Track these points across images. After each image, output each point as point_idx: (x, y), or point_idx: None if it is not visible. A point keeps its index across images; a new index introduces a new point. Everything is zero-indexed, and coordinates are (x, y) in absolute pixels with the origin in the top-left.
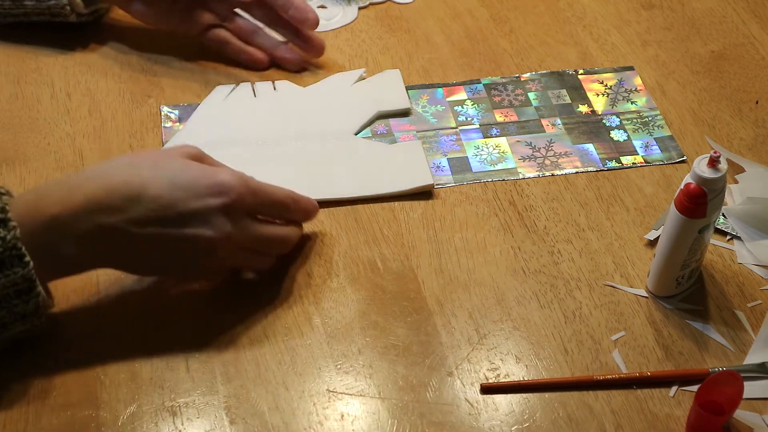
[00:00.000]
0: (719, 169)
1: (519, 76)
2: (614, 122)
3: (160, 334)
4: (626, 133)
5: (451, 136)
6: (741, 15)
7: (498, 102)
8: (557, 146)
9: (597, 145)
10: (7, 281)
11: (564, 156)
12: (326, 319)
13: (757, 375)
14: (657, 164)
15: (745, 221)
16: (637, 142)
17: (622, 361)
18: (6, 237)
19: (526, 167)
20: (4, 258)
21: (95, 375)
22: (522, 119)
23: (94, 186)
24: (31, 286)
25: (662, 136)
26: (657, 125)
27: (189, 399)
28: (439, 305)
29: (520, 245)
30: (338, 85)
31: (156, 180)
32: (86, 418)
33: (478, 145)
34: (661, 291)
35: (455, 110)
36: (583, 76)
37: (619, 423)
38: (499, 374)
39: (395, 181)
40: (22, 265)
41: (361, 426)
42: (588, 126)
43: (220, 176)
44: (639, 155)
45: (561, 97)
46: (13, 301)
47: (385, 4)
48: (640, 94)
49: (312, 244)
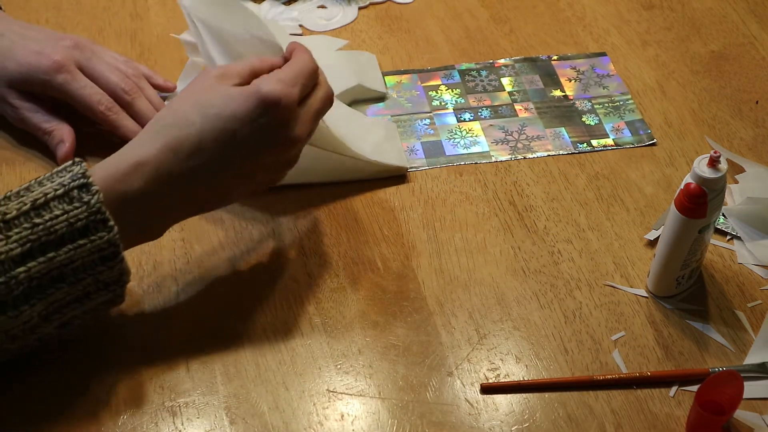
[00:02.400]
0: (719, 169)
1: (494, 62)
2: (586, 107)
3: (160, 333)
4: (597, 117)
5: (425, 120)
6: (741, 15)
7: (472, 87)
8: (530, 130)
9: (569, 128)
10: (93, 246)
11: (536, 139)
12: (326, 319)
13: (757, 375)
14: (627, 147)
15: (745, 221)
16: (608, 126)
17: (622, 361)
18: (90, 201)
19: (499, 150)
20: (89, 223)
21: (96, 375)
22: (495, 104)
23: (158, 149)
24: (116, 252)
25: (633, 120)
26: (628, 109)
27: (189, 399)
28: (439, 305)
29: (520, 245)
30: (323, 45)
31: (207, 122)
32: (86, 418)
33: (451, 130)
34: (661, 291)
35: (430, 95)
36: (557, 62)
37: (619, 423)
38: (499, 374)
39: (371, 152)
40: (107, 230)
41: (361, 426)
42: (560, 110)
43: (261, 90)
44: (609, 138)
45: (534, 82)
46: (99, 268)
47: (385, 4)
48: (611, 79)
49: (312, 244)
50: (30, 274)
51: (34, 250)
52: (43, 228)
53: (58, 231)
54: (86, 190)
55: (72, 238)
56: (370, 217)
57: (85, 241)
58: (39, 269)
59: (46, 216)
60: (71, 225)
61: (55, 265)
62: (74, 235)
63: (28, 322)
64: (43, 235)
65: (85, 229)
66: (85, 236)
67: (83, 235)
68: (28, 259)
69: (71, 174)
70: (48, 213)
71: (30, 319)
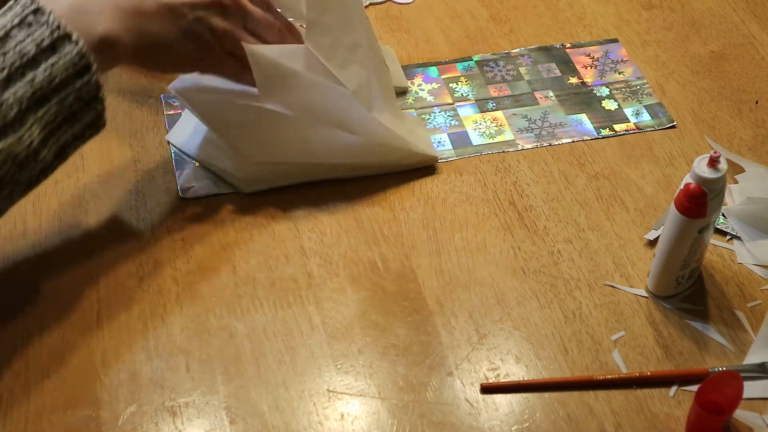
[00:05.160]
0: (719, 169)
1: (509, 52)
2: (604, 92)
3: (160, 333)
4: (617, 102)
5: (448, 112)
6: (741, 15)
7: (491, 78)
8: (552, 117)
9: (590, 115)
10: (66, 62)
11: (559, 127)
12: (326, 319)
13: (757, 375)
14: (649, 130)
15: (745, 221)
16: (627, 110)
17: (622, 361)
18: (48, 20)
19: (523, 139)
20: (54, 40)
21: (95, 375)
22: (516, 93)
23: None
24: (88, 64)
25: (651, 104)
26: (645, 93)
27: (189, 399)
28: (439, 305)
29: (520, 245)
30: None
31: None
32: (86, 418)
33: (476, 120)
34: (661, 291)
35: (450, 87)
36: (571, 50)
37: (619, 423)
38: (499, 374)
39: (411, 141)
40: (73, 42)
41: (361, 426)
42: (579, 97)
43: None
44: (631, 122)
45: (551, 70)
46: (76, 83)
47: (385, 4)
48: (626, 64)
49: (312, 244)
50: (17, 96)
51: (14, 74)
52: (14, 53)
53: (29, 53)
54: (40, 12)
55: (45, 57)
56: (370, 217)
57: (56, 58)
58: (24, 91)
59: (11, 43)
60: (38, 46)
61: (37, 86)
62: (45, 55)
63: (31, 144)
64: (17, 60)
65: (52, 47)
66: (54, 53)
67: (53, 52)
68: (11, 83)
69: (21, 4)
70: (13, 41)
71: (32, 141)
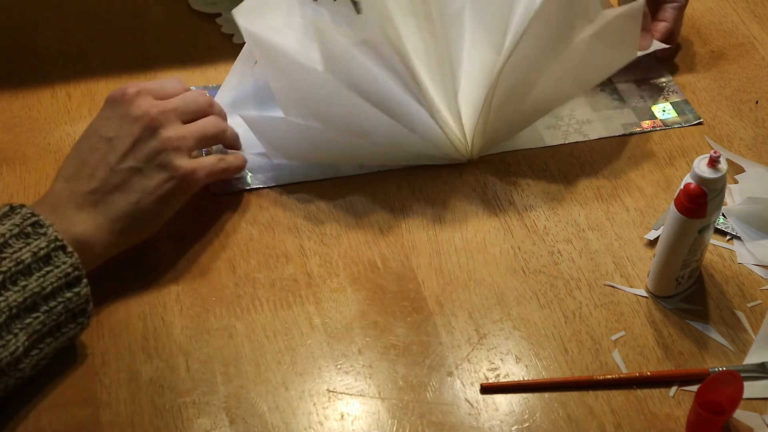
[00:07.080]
0: (719, 169)
1: None
2: (631, 89)
3: (159, 333)
4: (643, 99)
5: None
6: (741, 15)
7: None
8: (579, 114)
9: (616, 112)
10: (60, 271)
11: (587, 123)
12: (326, 319)
13: (757, 375)
14: (676, 126)
15: (745, 221)
16: (654, 108)
17: (622, 361)
18: (47, 232)
19: (551, 135)
20: (50, 251)
21: (95, 375)
22: None
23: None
24: (80, 275)
25: (678, 101)
26: (671, 90)
27: (189, 399)
28: (439, 305)
29: (520, 245)
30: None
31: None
32: (86, 418)
33: None
34: (661, 291)
35: None
36: None
37: (619, 423)
38: (499, 374)
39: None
40: (68, 255)
41: (361, 426)
42: (605, 94)
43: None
44: (658, 119)
45: None
46: (66, 294)
47: None
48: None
49: (312, 244)
50: (9, 302)
51: (7, 280)
52: (11, 260)
53: (24, 261)
54: (39, 225)
55: (38, 267)
56: (370, 217)
57: (50, 268)
58: (16, 297)
59: (9, 250)
60: (35, 255)
61: (28, 293)
62: (40, 265)
63: (14, 352)
64: (13, 266)
65: (47, 257)
66: (49, 263)
67: (47, 263)
68: (3, 289)
69: (20, 215)
70: (10, 248)
71: (16, 349)
